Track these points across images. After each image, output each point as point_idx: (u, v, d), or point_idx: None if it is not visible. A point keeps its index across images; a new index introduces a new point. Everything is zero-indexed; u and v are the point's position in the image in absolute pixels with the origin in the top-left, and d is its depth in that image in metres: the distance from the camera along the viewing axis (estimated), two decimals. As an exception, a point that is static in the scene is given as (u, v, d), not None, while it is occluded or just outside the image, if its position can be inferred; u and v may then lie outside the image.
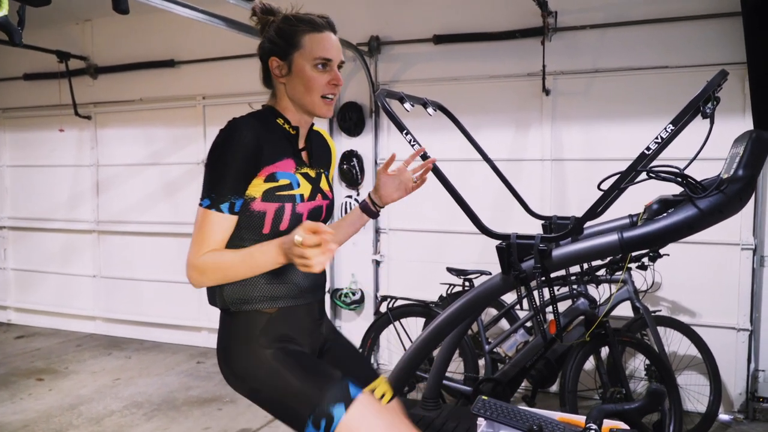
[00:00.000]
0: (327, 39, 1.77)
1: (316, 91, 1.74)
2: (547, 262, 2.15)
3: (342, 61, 1.82)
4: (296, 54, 1.74)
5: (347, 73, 5.31)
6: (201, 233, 1.64)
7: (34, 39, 6.12)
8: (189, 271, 1.64)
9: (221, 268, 1.63)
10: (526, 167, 4.82)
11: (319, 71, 1.74)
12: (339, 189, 5.38)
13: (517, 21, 4.71)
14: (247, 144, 1.62)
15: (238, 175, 1.63)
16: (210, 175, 1.64)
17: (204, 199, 1.63)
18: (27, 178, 6.83)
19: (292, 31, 1.75)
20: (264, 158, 1.66)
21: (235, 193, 1.64)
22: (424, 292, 4.90)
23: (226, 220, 1.64)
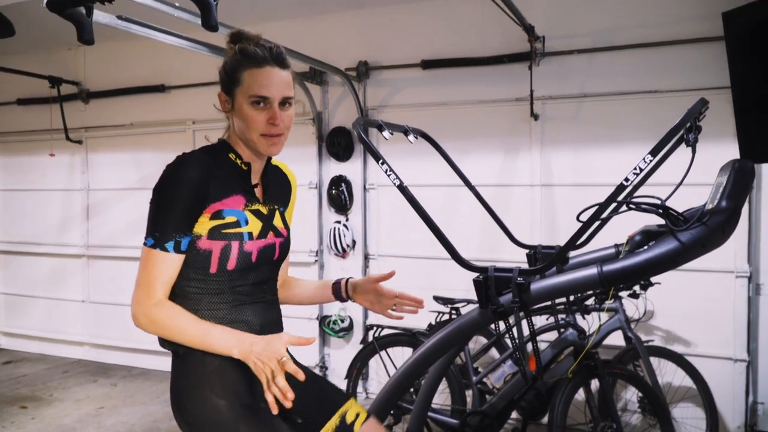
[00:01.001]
0: (265, 75, 1.66)
1: (254, 130, 1.67)
2: (526, 296, 2.08)
3: (286, 97, 1.70)
4: (237, 90, 1.68)
5: (336, 97, 5.29)
6: (146, 274, 1.59)
7: (27, 64, 6.15)
8: (137, 313, 1.58)
9: (172, 328, 1.59)
10: (516, 193, 4.76)
11: (257, 109, 1.66)
12: (328, 214, 5.32)
13: (504, 46, 4.68)
14: (192, 181, 1.57)
15: (183, 212, 1.58)
16: (154, 212, 1.59)
17: (148, 238, 1.58)
18: (18, 202, 6.79)
19: (234, 65, 1.68)
20: (210, 195, 1.61)
21: (180, 231, 1.58)
22: (413, 320, 4.75)
23: (172, 260, 1.59)
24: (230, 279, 1.66)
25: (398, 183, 2.17)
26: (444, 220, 4.71)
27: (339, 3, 5.06)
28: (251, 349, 1.56)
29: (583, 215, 2.03)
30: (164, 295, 1.60)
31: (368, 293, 2.10)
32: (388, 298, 2.10)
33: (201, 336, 1.58)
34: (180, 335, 1.58)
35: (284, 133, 1.72)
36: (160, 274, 1.58)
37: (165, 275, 1.59)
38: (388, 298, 2.10)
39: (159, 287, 1.58)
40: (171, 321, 1.57)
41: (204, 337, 1.58)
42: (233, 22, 3.82)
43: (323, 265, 5.37)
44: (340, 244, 5.15)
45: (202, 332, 1.58)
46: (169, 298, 1.63)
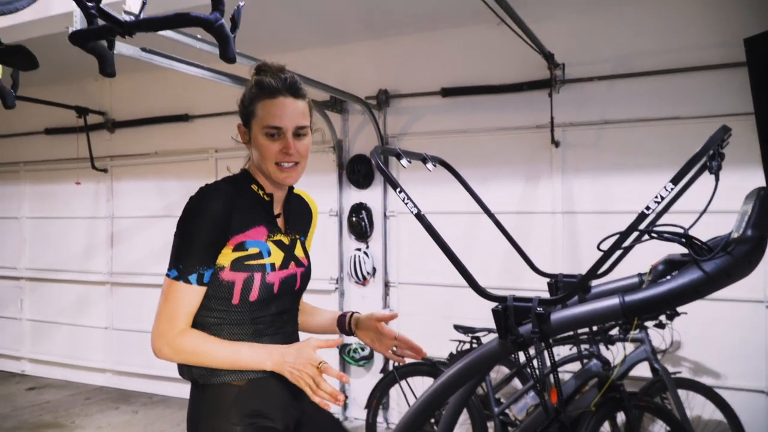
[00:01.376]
0: (278, 105, 1.67)
1: (268, 160, 1.68)
2: (546, 326, 2.04)
3: (300, 126, 1.69)
4: (253, 122, 1.70)
5: (356, 125, 5.32)
6: (169, 306, 1.59)
7: (54, 95, 6.30)
8: (160, 345, 1.58)
9: (199, 354, 1.58)
10: (537, 220, 4.71)
11: (271, 139, 1.67)
12: (348, 242, 5.32)
13: (524, 73, 4.69)
14: (215, 213, 1.58)
15: (206, 245, 1.58)
16: (178, 245, 1.60)
17: (171, 270, 1.59)
18: (44, 229, 6.90)
19: (250, 97, 1.71)
20: (233, 227, 1.61)
21: (204, 263, 1.59)
22: (434, 349, 4.73)
23: (195, 292, 1.60)
24: (251, 310, 1.65)
25: (416, 211, 2.15)
26: (465, 248, 4.75)
27: (359, 33, 5.12)
28: (284, 359, 1.58)
29: (603, 244, 1.99)
30: (186, 326, 1.60)
31: (369, 330, 2.02)
32: (388, 338, 2.02)
33: (231, 356, 1.58)
34: (208, 359, 1.58)
35: (300, 162, 1.71)
36: (182, 306, 1.58)
37: (188, 307, 1.59)
38: (388, 338, 2.02)
39: (182, 319, 1.58)
40: (197, 347, 1.57)
41: (234, 357, 1.59)
42: (255, 53, 3.91)
43: (343, 293, 5.35)
44: (360, 271, 5.13)
45: (230, 352, 1.58)
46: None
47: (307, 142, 1.74)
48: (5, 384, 6.55)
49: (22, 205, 7.03)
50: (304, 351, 1.58)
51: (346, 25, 4.97)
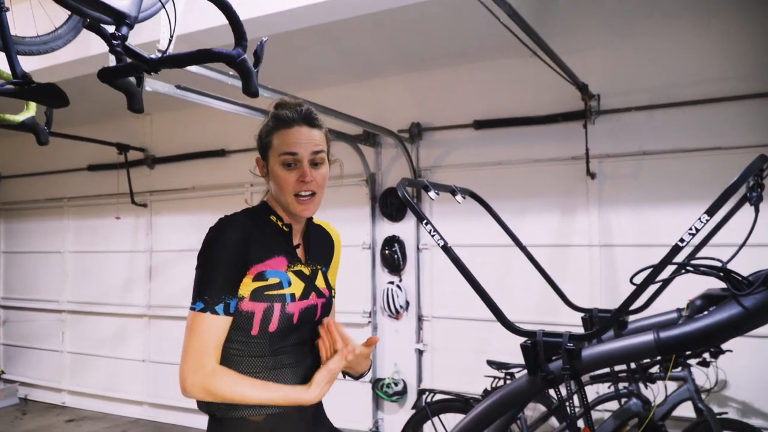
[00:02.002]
0: (293, 134, 1.67)
1: (286, 191, 1.67)
2: (577, 363, 1.97)
3: (316, 152, 1.68)
4: (270, 153, 1.70)
5: (389, 158, 5.33)
6: (199, 340, 1.55)
7: (97, 133, 6.50)
8: (193, 386, 1.54)
9: (235, 398, 1.55)
10: (573, 253, 4.61)
11: (288, 169, 1.67)
12: (381, 275, 5.28)
13: (558, 105, 4.64)
14: (234, 242, 1.58)
15: (229, 273, 1.57)
16: (200, 276, 1.59)
17: (196, 302, 1.56)
18: (86, 263, 7.06)
19: (267, 130, 1.72)
20: (252, 256, 1.60)
21: (229, 292, 1.57)
22: (469, 385, 4.65)
23: (223, 323, 1.57)
24: (271, 341, 1.63)
25: (442, 243, 2.12)
26: (499, 282, 4.68)
27: (391, 67, 5.16)
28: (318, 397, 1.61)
29: (636, 277, 1.92)
30: (216, 361, 1.57)
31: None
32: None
33: (268, 401, 1.58)
34: (244, 400, 1.56)
35: (317, 192, 1.70)
36: (211, 339, 1.55)
37: (217, 339, 1.56)
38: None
39: (212, 353, 1.55)
40: (231, 390, 1.54)
41: (271, 401, 1.58)
42: (289, 89, 3.97)
43: (376, 327, 5.29)
44: (393, 305, 5.08)
45: (265, 399, 1.57)
46: None
47: (324, 171, 1.73)
48: (46, 415, 6.63)
49: (65, 239, 7.22)
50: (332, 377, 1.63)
51: (379, 60, 5.02)
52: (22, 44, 2.37)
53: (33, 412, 6.76)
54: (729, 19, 4.14)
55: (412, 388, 5.08)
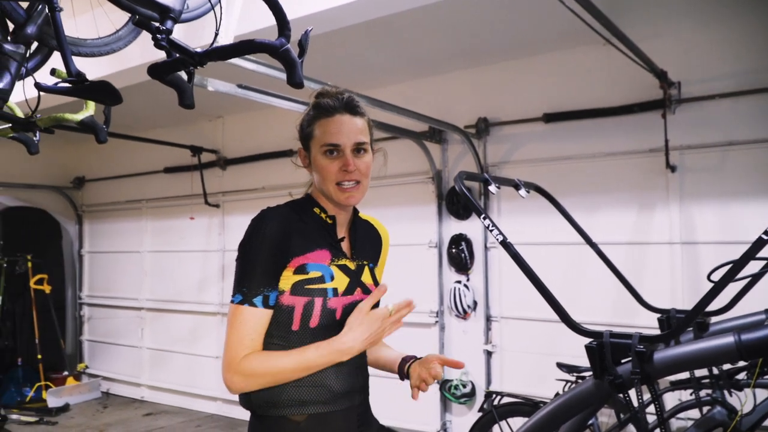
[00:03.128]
0: (334, 123, 1.64)
1: (329, 180, 1.62)
2: (648, 366, 1.81)
3: (359, 143, 1.64)
4: (312, 143, 1.67)
5: (455, 155, 5.21)
6: (237, 332, 1.52)
7: (173, 136, 6.72)
8: (230, 375, 1.51)
9: (271, 372, 1.51)
10: (652, 251, 4.34)
11: (330, 158, 1.62)
12: (448, 274, 5.17)
13: (634, 94, 4.39)
14: (274, 234, 1.53)
15: (268, 266, 1.53)
16: (240, 268, 1.56)
17: (236, 295, 1.54)
18: (162, 262, 7.31)
19: (308, 120, 1.69)
20: (293, 248, 1.55)
21: (268, 285, 1.53)
22: (540, 388, 4.48)
23: (262, 315, 1.53)
24: (313, 337, 1.57)
25: (501, 239, 2.01)
26: (571, 282, 4.47)
27: (456, 62, 5.04)
28: (360, 339, 1.54)
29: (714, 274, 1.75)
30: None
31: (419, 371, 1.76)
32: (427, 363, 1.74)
33: (301, 365, 1.51)
34: (281, 375, 1.51)
35: (362, 181, 1.65)
36: (249, 332, 1.51)
37: (255, 332, 1.52)
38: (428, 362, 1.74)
39: (248, 345, 1.51)
40: (265, 366, 1.50)
41: (306, 365, 1.52)
42: (354, 87, 3.93)
43: (444, 327, 5.18)
44: (460, 304, 4.96)
45: (300, 361, 1.51)
46: None
47: (368, 159, 1.68)
48: (125, 409, 6.91)
49: (143, 239, 7.50)
50: (367, 318, 1.55)
51: (443, 55, 4.91)
52: (84, 46, 2.42)
53: (113, 405, 7.05)
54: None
55: (480, 390, 4.94)
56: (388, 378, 1.94)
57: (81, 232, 8.27)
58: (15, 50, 2.11)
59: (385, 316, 1.56)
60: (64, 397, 6.78)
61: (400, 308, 1.58)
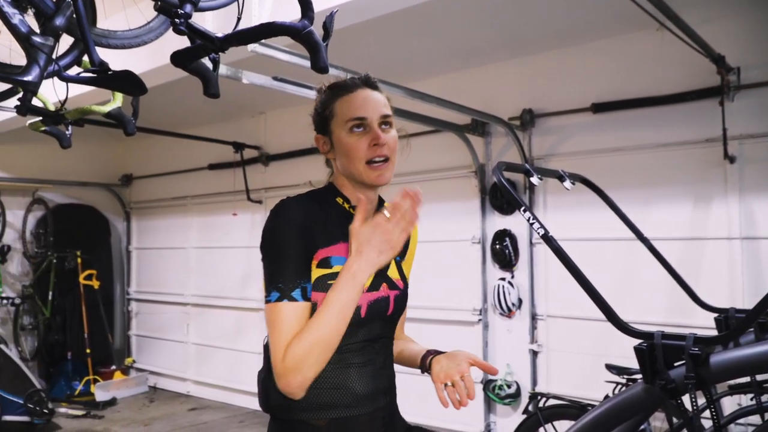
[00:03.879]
0: (357, 97, 1.53)
1: (357, 159, 1.51)
2: (704, 370, 1.65)
3: (385, 115, 1.54)
4: (333, 124, 1.55)
5: (499, 148, 5.05)
6: (282, 334, 1.36)
7: (216, 132, 6.75)
8: (286, 381, 1.36)
9: (312, 342, 1.35)
10: (709, 247, 4.10)
11: (356, 134, 1.51)
12: (492, 271, 5.01)
13: (688, 81, 4.15)
14: (297, 223, 1.43)
15: (299, 255, 1.42)
16: (270, 264, 1.42)
17: (271, 293, 1.39)
18: (207, 258, 7.36)
19: (326, 101, 1.58)
20: (317, 239, 1.45)
21: (303, 275, 1.41)
22: (588, 390, 4.30)
23: (303, 309, 1.39)
24: None
25: (542, 233, 1.88)
26: (622, 279, 4.27)
27: (500, 52, 4.88)
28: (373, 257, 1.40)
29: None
30: None
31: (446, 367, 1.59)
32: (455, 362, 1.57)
33: (334, 314, 1.37)
34: (325, 340, 1.36)
35: (391, 157, 1.54)
36: (295, 328, 1.37)
37: (299, 328, 1.38)
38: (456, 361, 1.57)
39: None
40: (304, 344, 1.34)
41: (337, 311, 1.37)
42: (392, 80, 3.84)
43: (487, 325, 5.03)
44: (504, 302, 4.80)
45: (328, 314, 1.36)
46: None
47: (395, 135, 1.57)
48: (171, 403, 6.99)
49: (188, 235, 7.58)
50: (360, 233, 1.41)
51: (486, 46, 4.76)
52: (114, 38, 2.39)
53: (160, 400, 7.15)
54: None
55: (525, 390, 4.78)
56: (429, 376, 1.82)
57: (129, 228, 8.42)
58: (44, 42, 2.08)
59: (382, 221, 1.42)
60: (112, 391, 6.90)
61: (397, 207, 1.43)
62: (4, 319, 7.36)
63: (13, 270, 7.50)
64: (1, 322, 7.34)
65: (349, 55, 4.60)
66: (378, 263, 1.41)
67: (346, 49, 4.54)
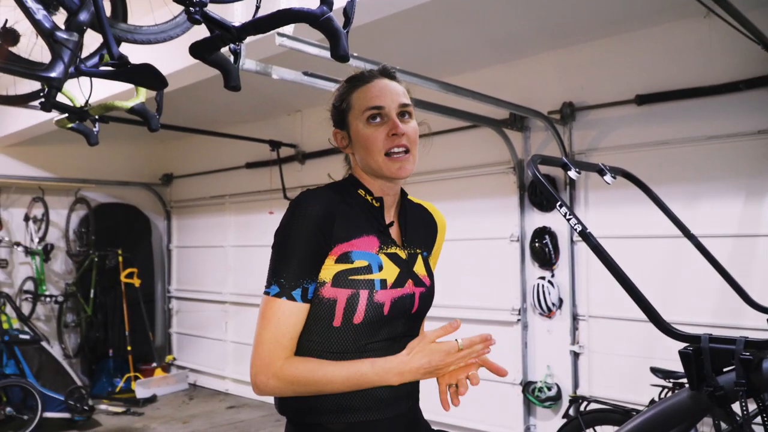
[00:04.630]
0: (374, 87, 1.47)
1: (376, 151, 1.44)
2: (755, 376, 1.53)
3: (404, 104, 1.47)
4: (350, 117, 1.50)
5: (538, 143, 4.90)
6: (274, 330, 1.36)
7: (253, 131, 6.77)
8: (265, 379, 1.35)
9: (319, 383, 1.34)
10: (761, 244, 3.88)
11: (374, 125, 1.45)
12: (531, 270, 4.87)
13: (739, 70, 3.93)
14: (316, 217, 1.37)
15: (309, 254, 1.37)
16: (277, 257, 1.39)
17: (271, 286, 1.37)
18: (244, 256, 7.38)
19: (342, 94, 1.53)
20: (336, 234, 1.39)
21: (308, 275, 1.37)
22: (633, 394, 4.13)
23: (300, 310, 1.37)
24: (356, 335, 1.40)
25: (580, 229, 1.77)
26: (668, 278, 4.08)
27: (539, 44, 4.73)
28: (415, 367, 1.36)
29: None
30: (292, 353, 1.39)
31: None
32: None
33: (354, 382, 1.35)
34: (327, 387, 1.35)
35: (411, 148, 1.47)
36: (288, 329, 1.36)
37: (293, 330, 1.37)
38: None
39: (288, 344, 1.36)
40: (314, 376, 1.33)
41: (356, 380, 1.35)
42: (428, 74, 3.75)
43: (527, 326, 4.89)
44: (544, 302, 4.65)
45: (351, 374, 1.34)
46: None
47: (415, 125, 1.51)
48: (210, 401, 7.04)
49: (227, 234, 7.62)
50: (432, 348, 1.37)
51: (525, 36, 4.62)
52: (140, 33, 2.37)
53: (199, 397, 7.21)
54: None
55: (566, 393, 4.62)
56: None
57: (169, 227, 8.52)
58: (68, 38, 2.06)
59: (451, 350, 1.36)
60: (152, 388, 6.99)
61: (472, 343, 1.39)
62: (48, 317, 7.53)
63: (57, 268, 7.68)
64: (46, 319, 7.52)
65: (383, 48, 4.53)
66: (419, 377, 1.38)
67: (381, 43, 4.48)
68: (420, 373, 1.36)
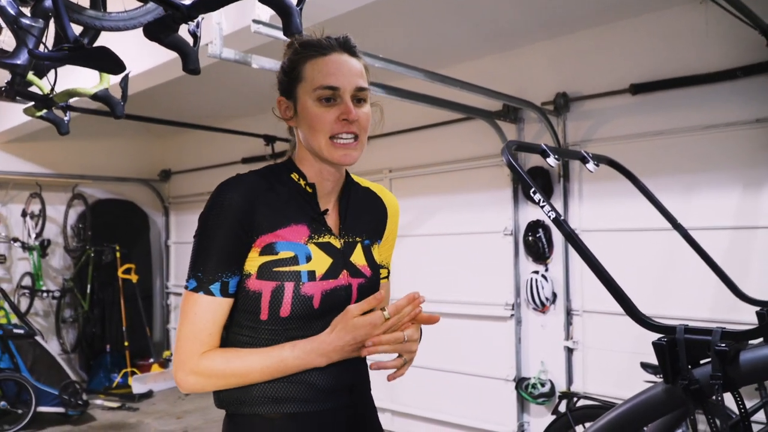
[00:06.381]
0: (331, 62, 1.35)
1: (321, 132, 1.34)
2: (732, 369, 1.45)
3: (360, 87, 1.36)
4: (299, 88, 1.38)
5: (532, 135, 4.81)
6: (192, 325, 1.30)
7: (249, 126, 6.69)
8: (183, 375, 1.30)
9: (237, 374, 1.29)
10: (761, 237, 3.79)
11: (324, 105, 1.34)
12: (525, 264, 4.79)
13: (736, 58, 3.83)
14: (234, 208, 1.29)
15: (228, 246, 1.29)
16: (196, 248, 1.32)
17: (190, 280, 1.31)
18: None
19: (294, 61, 1.39)
20: (259, 224, 1.31)
21: (227, 269, 1.30)
22: (627, 390, 4.02)
23: (219, 305, 1.30)
24: (286, 329, 1.32)
25: (553, 216, 1.69)
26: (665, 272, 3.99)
27: (532, 34, 4.64)
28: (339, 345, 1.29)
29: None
30: (212, 348, 1.32)
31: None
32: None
33: (274, 369, 1.29)
34: (248, 377, 1.30)
35: (360, 135, 1.38)
36: (206, 324, 1.29)
37: (213, 325, 1.30)
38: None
39: (206, 339, 1.30)
40: (230, 366, 1.29)
41: (278, 366, 1.29)
42: (425, 65, 3.68)
43: (520, 321, 4.80)
44: (538, 297, 4.57)
45: (271, 362, 1.29)
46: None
47: (369, 111, 1.40)
48: (205, 397, 6.88)
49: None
50: (355, 322, 1.28)
51: (517, 26, 4.54)
52: (108, 20, 2.30)
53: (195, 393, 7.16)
54: None
55: (560, 389, 4.54)
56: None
57: (167, 223, 8.50)
58: (32, 24, 2.01)
59: (376, 322, 1.28)
60: (149, 384, 6.95)
61: (399, 309, 1.30)
62: (46, 312, 7.52)
63: (54, 264, 7.66)
64: (44, 315, 7.50)
65: (373, 39, 4.45)
66: (344, 355, 1.31)
67: (369, 32, 4.40)
68: (346, 351, 1.30)
